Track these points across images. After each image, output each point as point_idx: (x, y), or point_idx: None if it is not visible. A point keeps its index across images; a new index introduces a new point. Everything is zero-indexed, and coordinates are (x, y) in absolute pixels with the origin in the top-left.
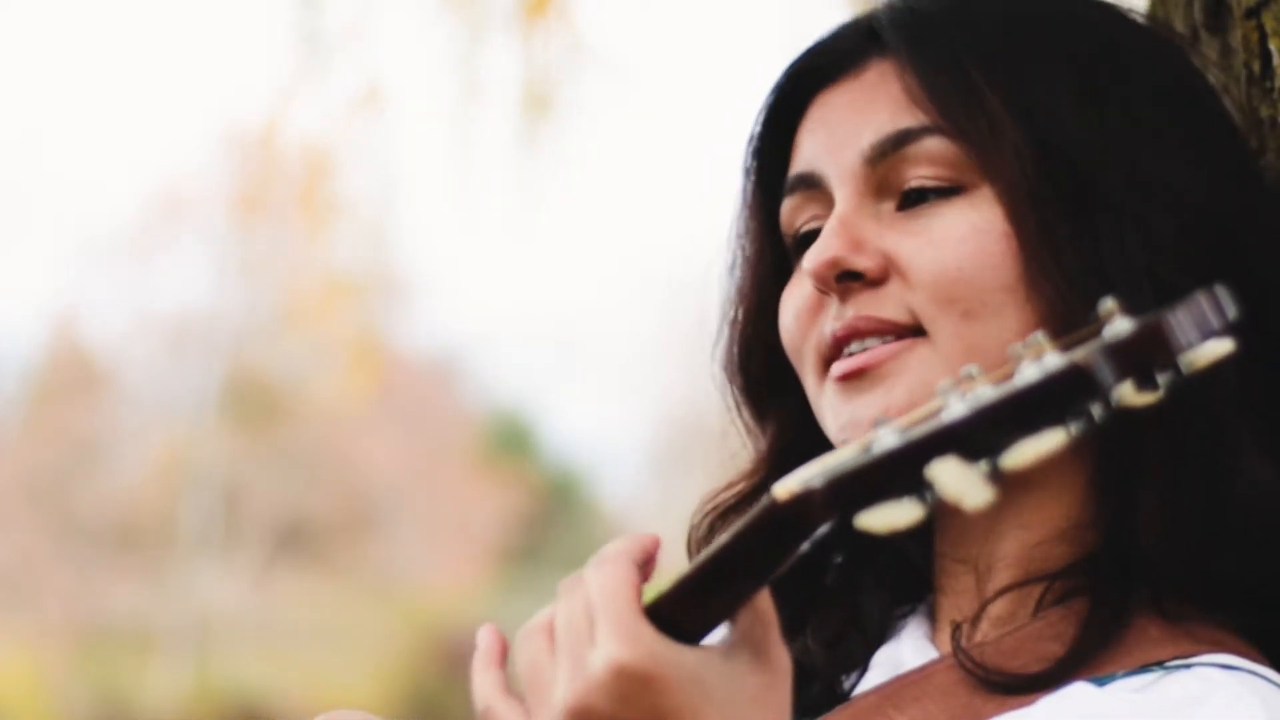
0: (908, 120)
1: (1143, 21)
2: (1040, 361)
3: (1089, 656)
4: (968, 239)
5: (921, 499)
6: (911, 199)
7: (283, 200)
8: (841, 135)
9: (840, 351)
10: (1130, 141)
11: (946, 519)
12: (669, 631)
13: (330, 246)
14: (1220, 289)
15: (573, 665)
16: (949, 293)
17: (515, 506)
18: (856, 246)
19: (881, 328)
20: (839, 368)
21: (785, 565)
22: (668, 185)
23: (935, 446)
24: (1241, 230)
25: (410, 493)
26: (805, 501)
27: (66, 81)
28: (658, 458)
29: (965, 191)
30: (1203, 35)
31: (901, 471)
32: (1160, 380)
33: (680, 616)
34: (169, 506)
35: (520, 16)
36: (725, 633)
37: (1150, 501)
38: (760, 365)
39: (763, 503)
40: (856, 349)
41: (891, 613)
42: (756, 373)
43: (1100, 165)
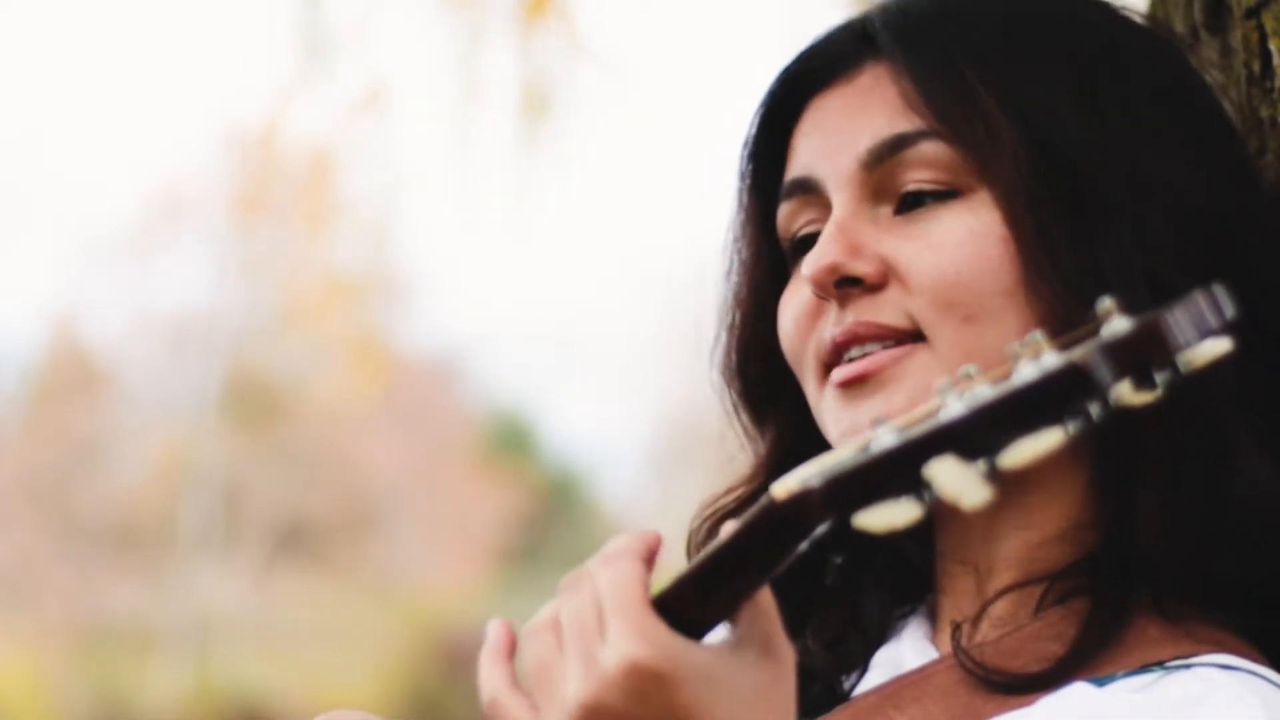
0: (904, 124)
1: (1140, 21)
2: (1038, 361)
3: (1089, 656)
4: (966, 243)
5: (920, 498)
6: (909, 203)
7: (283, 200)
8: (838, 140)
9: (840, 357)
10: (1129, 142)
11: (947, 519)
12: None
13: (330, 246)
14: (1218, 288)
15: (583, 662)
16: (948, 298)
17: (515, 506)
18: (855, 252)
19: (881, 333)
20: (839, 374)
21: (784, 565)
22: (667, 185)
23: (933, 446)
24: (1240, 230)
25: (410, 493)
26: (803, 501)
27: (66, 81)
28: (658, 458)
29: (963, 195)
30: (1203, 35)
31: (899, 471)
32: (1158, 379)
33: (680, 615)
34: (169, 506)
35: (520, 17)
36: (725, 631)
37: (1150, 501)
38: (758, 369)
39: (761, 502)
40: (857, 354)
41: (891, 613)
42: (754, 377)
43: (1099, 166)
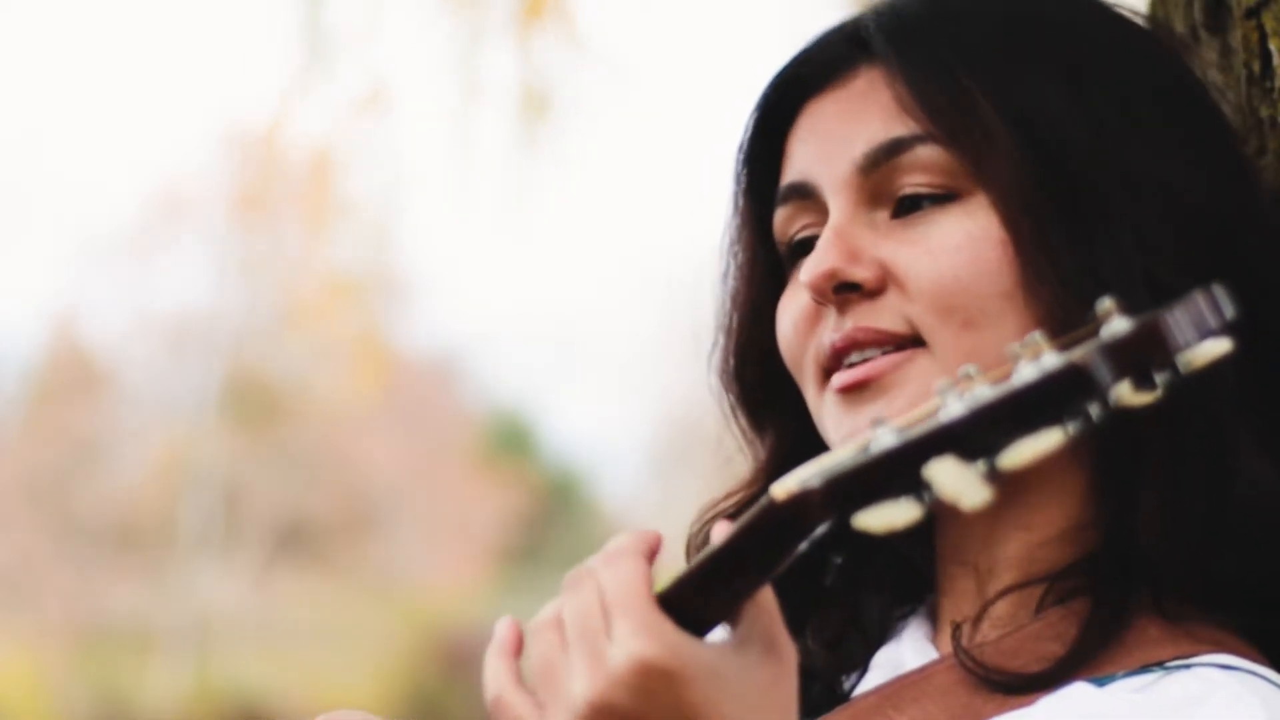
0: (899, 128)
1: (1137, 21)
2: (1038, 361)
3: (1089, 656)
4: (964, 247)
5: (919, 499)
6: (906, 207)
7: (283, 200)
8: (833, 144)
9: (840, 362)
10: (1126, 142)
11: (947, 520)
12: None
13: (331, 246)
14: (1218, 288)
15: (590, 660)
16: (947, 302)
17: (515, 506)
18: (853, 257)
19: (880, 339)
20: (840, 379)
21: (784, 565)
22: (667, 185)
23: (933, 446)
24: (1240, 230)
25: (410, 493)
26: (803, 501)
27: (66, 81)
28: (658, 458)
29: (960, 198)
30: (1203, 35)
31: (899, 471)
32: (1158, 380)
33: (681, 614)
34: (169, 506)
35: (520, 17)
36: (725, 630)
37: (1150, 501)
38: (756, 373)
39: (761, 503)
40: (857, 360)
41: (892, 614)
42: (752, 380)
43: (1096, 167)
